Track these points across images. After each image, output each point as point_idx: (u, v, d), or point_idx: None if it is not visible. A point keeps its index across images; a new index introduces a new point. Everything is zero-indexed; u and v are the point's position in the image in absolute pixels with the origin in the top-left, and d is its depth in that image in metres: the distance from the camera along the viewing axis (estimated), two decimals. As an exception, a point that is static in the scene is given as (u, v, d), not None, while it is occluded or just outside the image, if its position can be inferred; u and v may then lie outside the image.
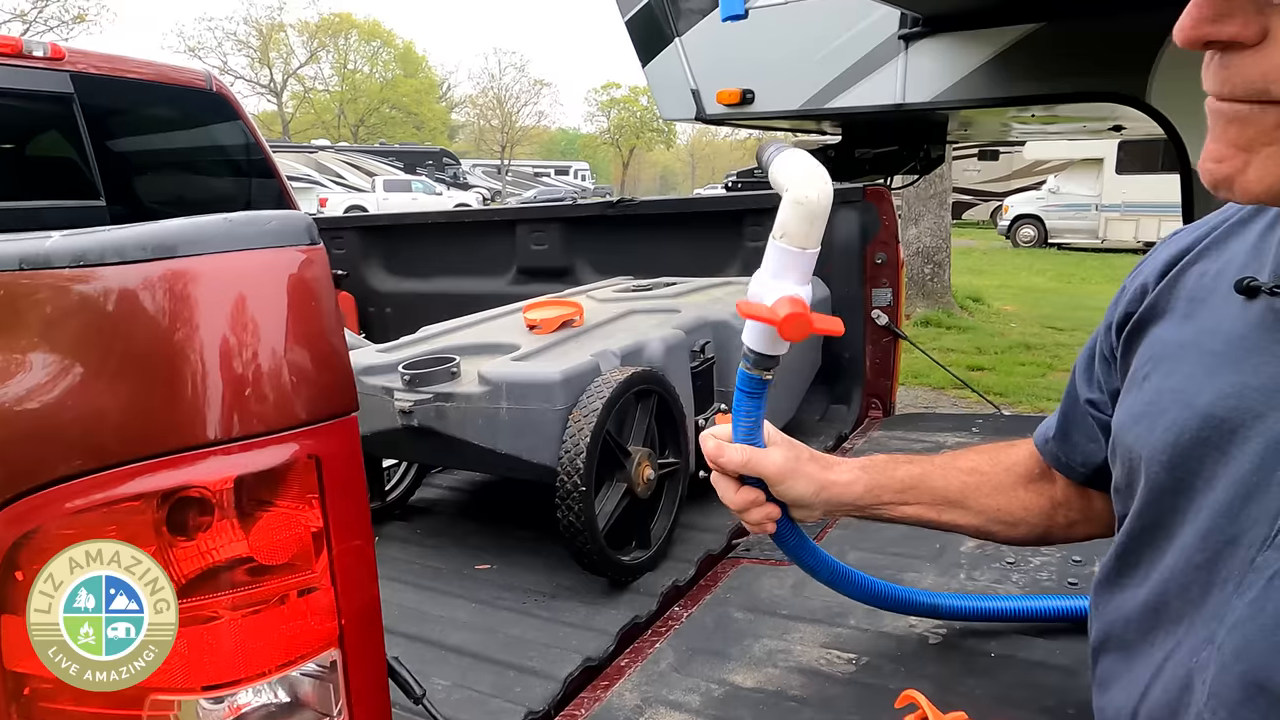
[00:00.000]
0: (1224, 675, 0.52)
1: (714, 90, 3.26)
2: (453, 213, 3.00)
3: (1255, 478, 0.53)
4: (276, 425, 0.61)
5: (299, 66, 41.69)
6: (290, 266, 0.63)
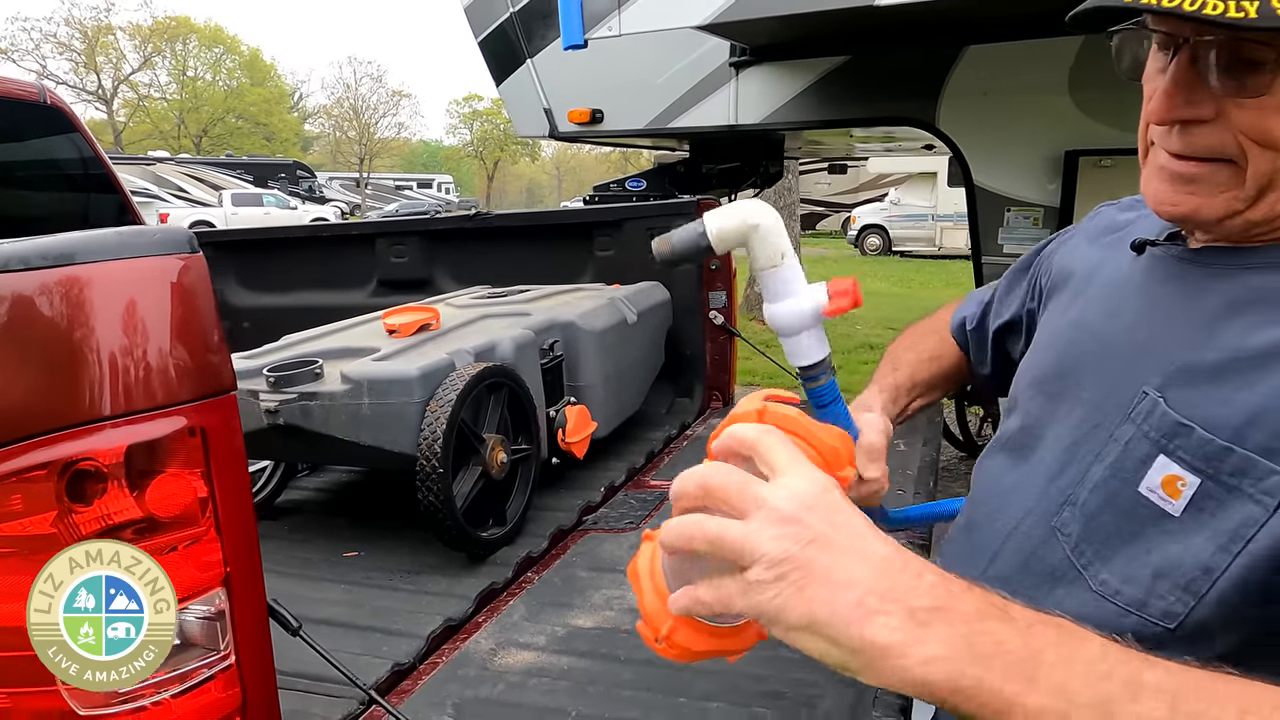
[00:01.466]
0: (1089, 524, 0.62)
1: (565, 109, 3.46)
2: (311, 227, 3.04)
3: (1122, 377, 0.64)
4: (163, 401, 0.74)
5: (131, 73, 38.88)
6: (173, 271, 0.75)
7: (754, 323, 9.16)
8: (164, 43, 39.68)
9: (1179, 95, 0.60)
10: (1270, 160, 0.58)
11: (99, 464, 0.72)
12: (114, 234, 0.73)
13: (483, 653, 1.15)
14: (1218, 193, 0.61)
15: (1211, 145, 0.60)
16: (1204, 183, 0.61)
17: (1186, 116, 0.60)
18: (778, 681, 1.03)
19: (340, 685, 1.09)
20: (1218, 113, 0.59)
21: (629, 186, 4.47)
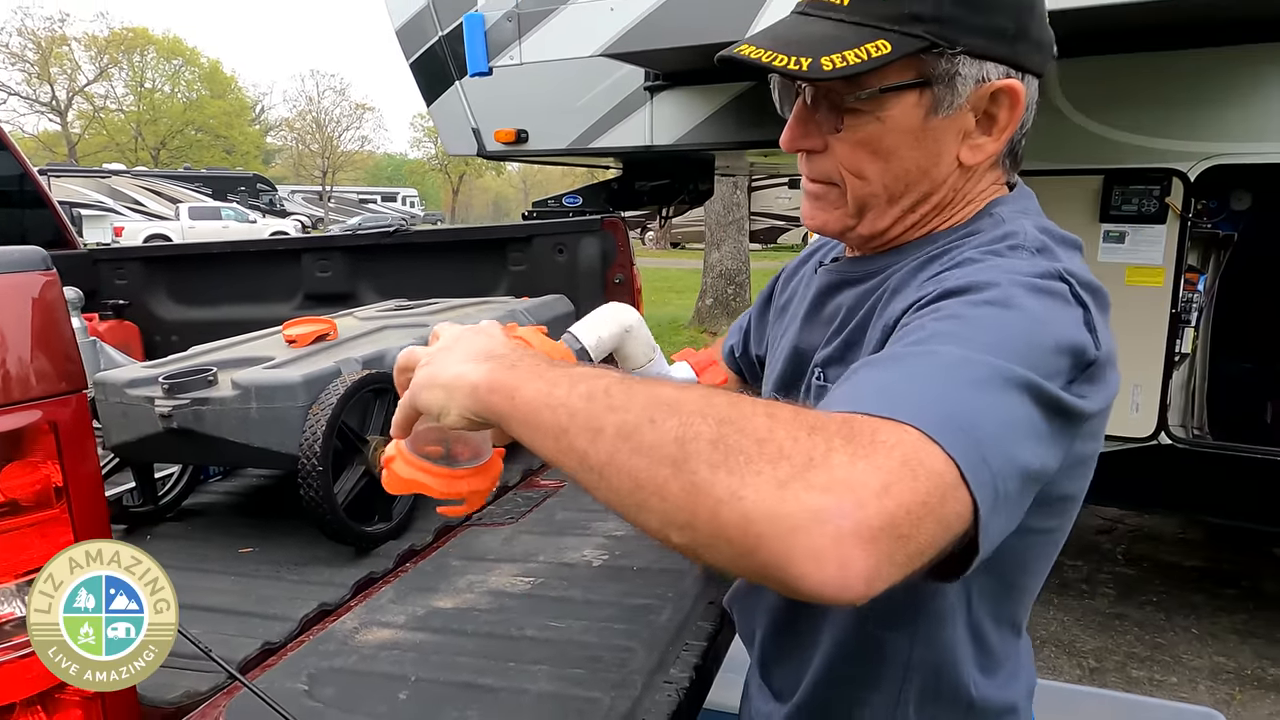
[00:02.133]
0: None
1: (492, 129, 3.60)
2: (238, 243, 3.13)
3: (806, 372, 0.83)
4: (19, 398, 0.85)
5: (86, 84, 38.31)
6: (31, 287, 0.87)
7: (705, 335, 9.34)
8: (120, 54, 39.16)
9: (798, 129, 0.75)
10: (859, 185, 0.74)
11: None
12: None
13: (346, 631, 1.27)
14: (833, 209, 0.76)
15: (824, 171, 0.75)
16: (824, 201, 0.77)
17: (803, 147, 0.75)
18: (599, 648, 1.16)
19: (210, 662, 1.20)
20: (825, 145, 0.74)
21: (566, 203, 4.62)
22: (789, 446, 0.48)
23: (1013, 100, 0.70)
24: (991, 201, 0.76)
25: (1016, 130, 0.73)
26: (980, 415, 0.53)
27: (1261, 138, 2.42)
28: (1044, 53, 0.72)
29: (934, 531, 0.48)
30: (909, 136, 0.71)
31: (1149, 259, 2.65)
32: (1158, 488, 2.88)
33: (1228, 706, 2.72)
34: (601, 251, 2.60)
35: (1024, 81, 0.71)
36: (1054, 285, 0.62)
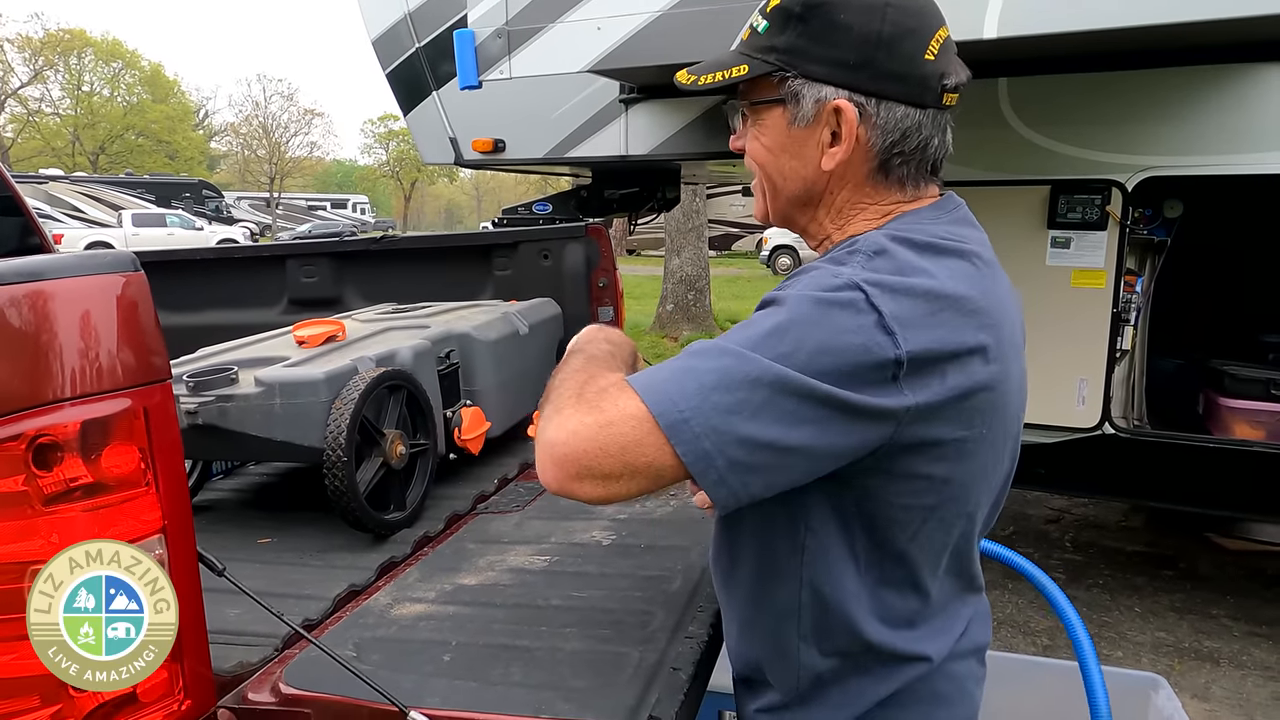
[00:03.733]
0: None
1: (470, 139, 3.69)
2: (223, 249, 3.17)
3: None
4: (110, 386, 0.94)
5: (20, 86, 37.07)
6: (120, 286, 0.96)
7: (666, 340, 9.49)
8: (56, 56, 38.00)
9: (734, 134, 0.96)
10: (759, 173, 0.94)
11: (57, 438, 0.92)
12: (74, 257, 0.93)
13: (380, 606, 1.37)
14: (760, 199, 0.97)
15: (748, 164, 0.95)
16: (758, 192, 0.97)
17: (734, 146, 0.96)
18: (621, 612, 1.28)
19: (257, 636, 1.29)
20: (743, 146, 0.94)
21: (535, 210, 4.72)
22: (561, 402, 0.81)
23: (846, 118, 0.85)
24: (895, 216, 0.91)
25: (879, 144, 0.87)
26: (693, 386, 0.74)
27: (1191, 151, 2.65)
28: (904, 83, 0.85)
29: (622, 465, 0.76)
30: (780, 140, 0.90)
31: (1092, 263, 2.87)
32: (1102, 474, 3.11)
33: (1168, 676, 2.95)
34: (586, 256, 2.72)
35: (871, 104, 0.85)
36: (843, 295, 0.75)
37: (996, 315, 0.82)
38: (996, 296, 0.84)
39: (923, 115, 0.85)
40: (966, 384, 0.78)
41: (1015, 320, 0.88)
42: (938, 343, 0.76)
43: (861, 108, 0.85)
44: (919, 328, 0.75)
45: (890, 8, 0.83)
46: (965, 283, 0.80)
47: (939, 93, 0.85)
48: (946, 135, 0.89)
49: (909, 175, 0.88)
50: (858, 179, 0.89)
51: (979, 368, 0.79)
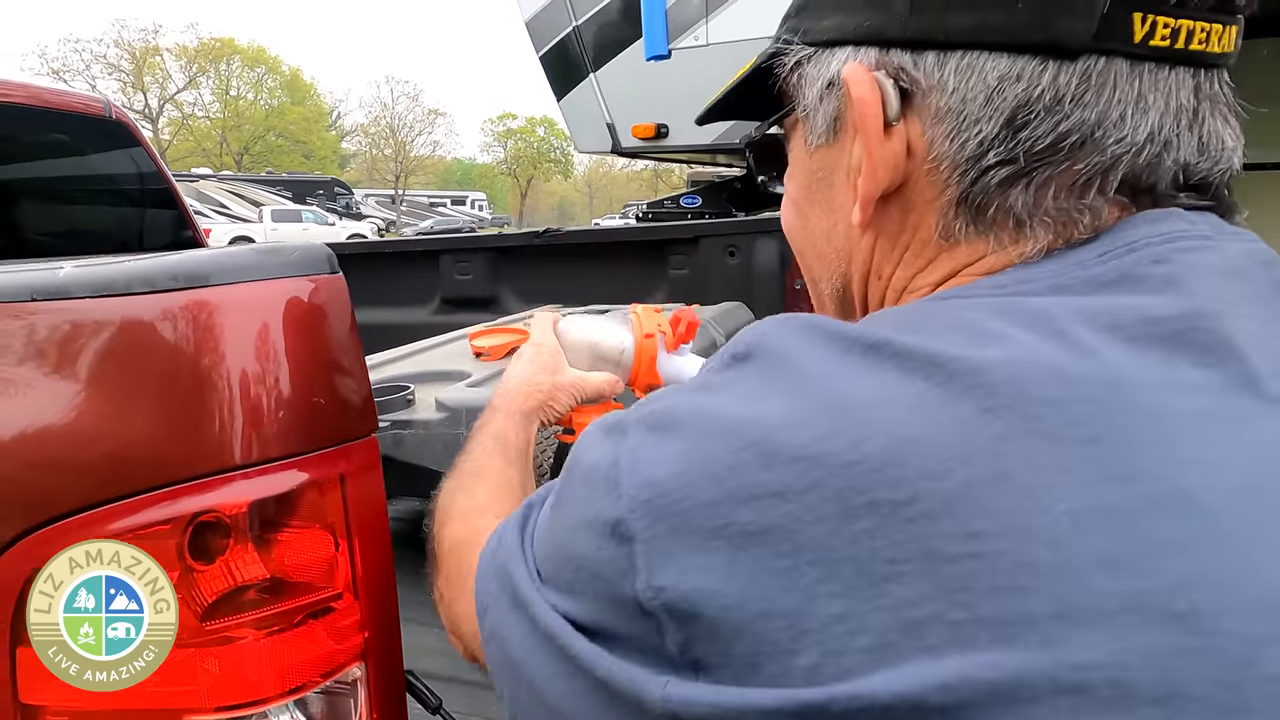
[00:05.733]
0: None
1: (629, 124, 3.38)
2: (373, 243, 2.98)
3: None
4: (299, 448, 0.63)
5: (176, 92, 39.90)
6: (310, 294, 0.65)
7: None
8: (208, 63, 40.70)
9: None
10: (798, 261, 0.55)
11: (224, 516, 0.62)
12: (249, 252, 0.63)
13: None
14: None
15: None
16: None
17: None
18: None
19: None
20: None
21: (684, 204, 4.38)
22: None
23: (854, 99, 0.41)
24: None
25: (958, 151, 0.39)
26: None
27: None
28: (996, 4, 0.38)
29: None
30: (800, 184, 0.49)
31: None
32: None
33: None
34: (780, 254, 2.34)
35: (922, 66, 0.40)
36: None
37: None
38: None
39: (1064, 74, 0.37)
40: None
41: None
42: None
43: (902, 76, 0.40)
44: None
45: None
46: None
47: (1106, 11, 0.36)
48: (1177, 114, 0.38)
49: (1034, 205, 0.39)
50: (922, 236, 0.42)
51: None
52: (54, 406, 0.62)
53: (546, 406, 0.80)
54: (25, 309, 0.63)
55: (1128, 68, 0.37)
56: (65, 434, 0.61)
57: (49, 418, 0.62)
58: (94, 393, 0.61)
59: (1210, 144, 0.39)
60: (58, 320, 0.62)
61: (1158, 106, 0.38)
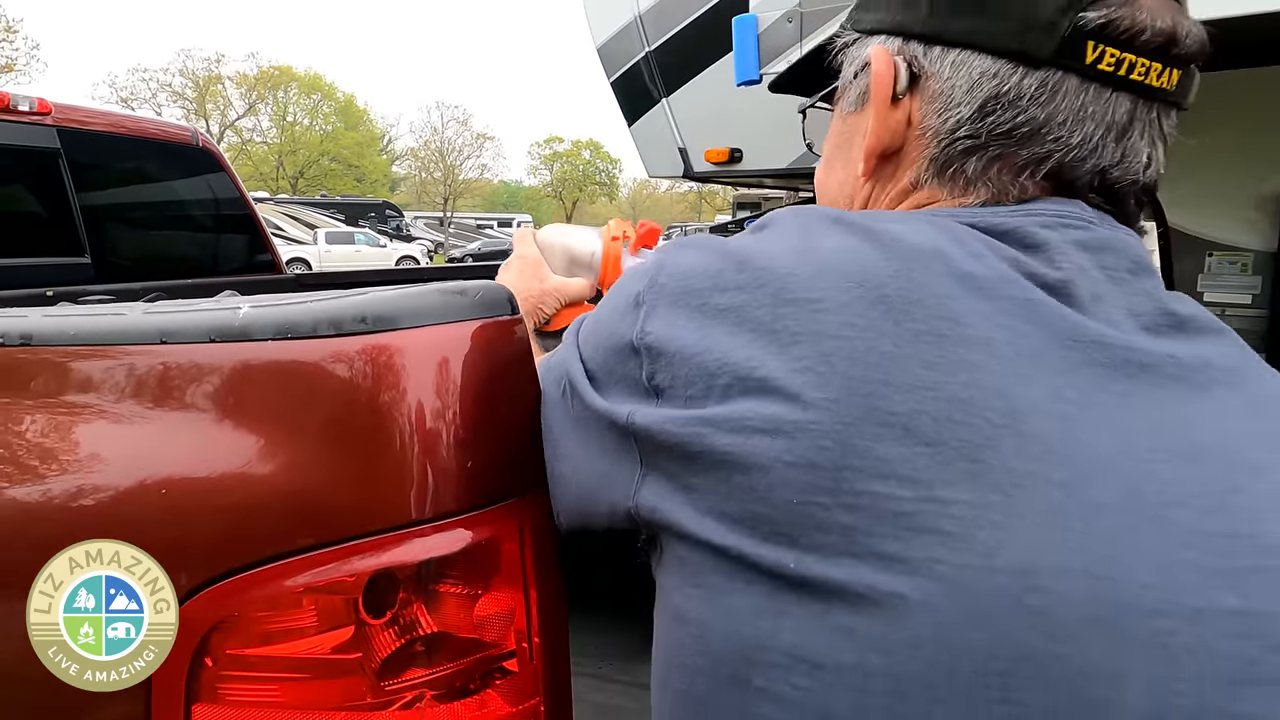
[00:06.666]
0: None
1: (702, 149, 3.35)
2: (444, 268, 3.00)
3: None
4: (479, 501, 0.60)
5: (236, 118, 41.26)
6: (493, 337, 0.62)
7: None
8: (267, 90, 42.04)
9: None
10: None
11: (403, 573, 0.58)
12: (435, 293, 0.60)
13: None
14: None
15: None
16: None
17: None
18: None
19: None
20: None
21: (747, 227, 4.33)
22: None
23: (875, 71, 0.54)
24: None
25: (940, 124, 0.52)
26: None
27: None
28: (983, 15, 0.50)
29: None
30: (832, 143, 0.63)
31: None
32: None
33: None
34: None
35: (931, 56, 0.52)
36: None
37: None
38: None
39: (1028, 79, 0.49)
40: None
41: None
42: (668, 337, 0.48)
43: (914, 62, 0.53)
44: (652, 315, 0.49)
45: None
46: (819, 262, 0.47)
47: (1068, 36, 0.47)
48: (1108, 127, 0.49)
49: (979, 173, 0.51)
50: (902, 185, 0.55)
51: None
52: (231, 453, 0.59)
53: (537, 310, 0.89)
54: (204, 351, 0.61)
55: (1077, 83, 0.48)
56: (243, 482, 0.59)
57: (226, 465, 0.59)
58: (274, 440, 0.58)
59: (1129, 159, 0.50)
60: (238, 363, 0.60)
61: (1094, 118, 0.49)
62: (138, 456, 0.61)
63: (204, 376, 0.61)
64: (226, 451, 0.59)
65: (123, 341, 0.64)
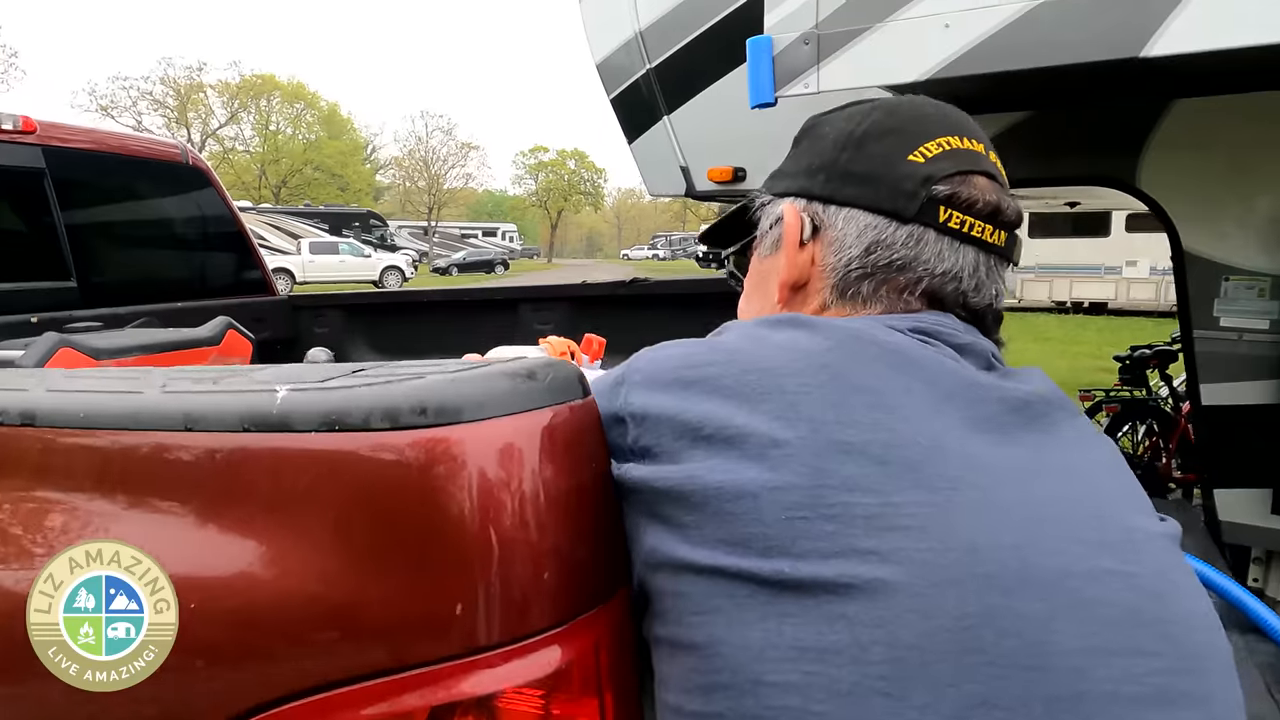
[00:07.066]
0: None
1: (705, 167, 3.28)
2: (450, 291, 2.91)
3: None
4: (557, 618, 0.52)
5: (218, 127, 40.86)
6: (568, 426, 0.54)
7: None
8: (250, 99, 41.68)
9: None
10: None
11: (471, 704, 0.51)
12: (501, 377, 0.53)
13: None
14: None
15: None
16: None
17: None
18: None
19: None
20: None
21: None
22: None
23: (785, 221, 0.70)
24: None
25: (835, 261, 0.67)
26: None
27: None
28: (870, 184, 0.66)
29: None
30: (750, 283, 0.77)
31: None
32: None
33: None
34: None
35: (828, 212, 0.68)
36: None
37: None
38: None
39: (900, 230, 0.65)
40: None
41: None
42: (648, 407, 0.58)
43: (815, 217, 0.69)
44: (633, 389, 0.60)
45: (876, 110, 0.70)
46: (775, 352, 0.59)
47: (925, 202, 0.65)
48: (961, 267, 0.66)
49: (872, 293, 0.67)
50: (812, 308, 0.70)
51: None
52: (268, 564, 0.51)
53: None
54: (235, 443, 0.53)
55: (935, 235, 0.65)
56: (281, 598, 0.51)
57: (262, 576, 0.51)
58: (318, 550, 0.51)
59: (982, 289, 0.66)
60: (276, 458, 0.53)
61: (952, 259, 0.65)
62: (161, 565, 0.53)
63: (235, 472, 0.53)
64: (262, 561, 0.51)
65: (140, 426, 0.57)
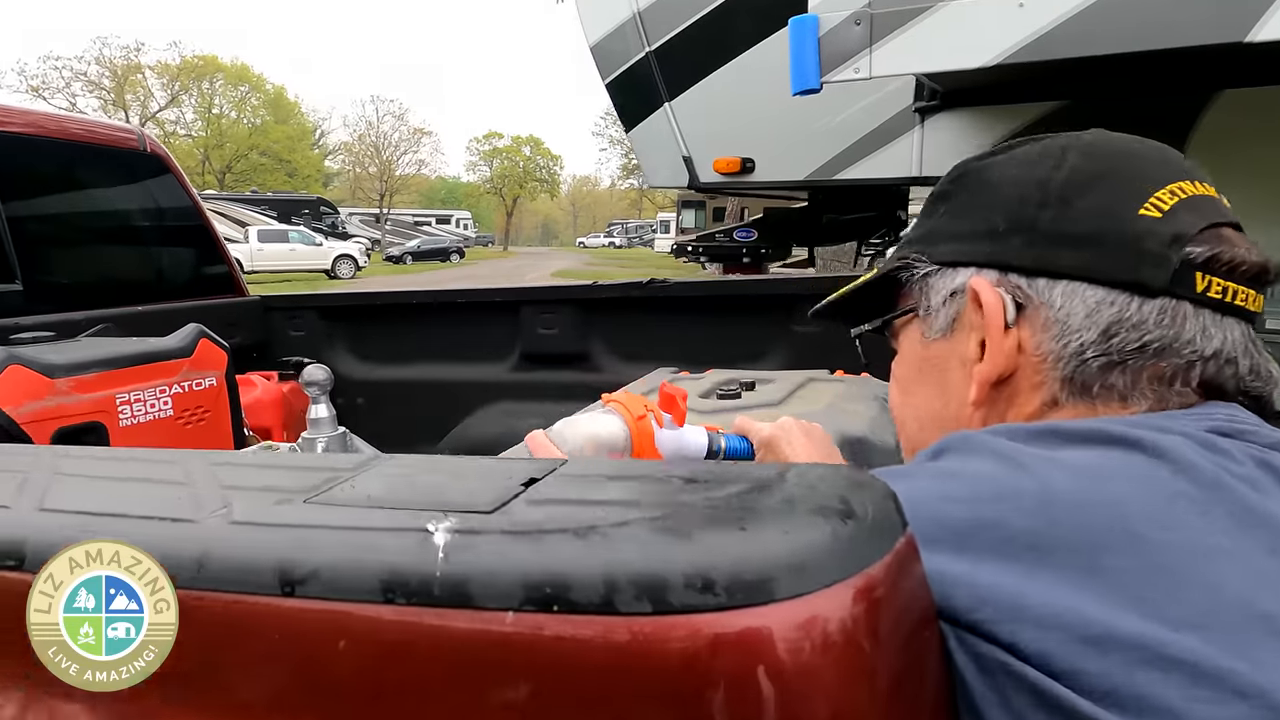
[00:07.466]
0: None
1: (710, 158, 3.10)
2: (442, 292, 2.68)
3: None
4: None
5: (158, 110, 39.33)
6: (901, 586, 0.35)
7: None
8: (191, 81, 40.20)
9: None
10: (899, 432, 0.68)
11: None
12: (813, 519, 0.33)
13: None
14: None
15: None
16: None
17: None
18: None
19: None
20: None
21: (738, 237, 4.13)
22: None
23: (986, 305, 0.55)
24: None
25: (1061, 349, 0.53)
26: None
27: None
28: (1096, 247, 0.52)
29: None
30: (913, 366, 0.64)
31: None
32: None
33: None
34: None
35: (1037, 287, 0.54)
36: None
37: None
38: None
39: (1147, 305, 0.51)
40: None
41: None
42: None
43: (1017, 293, 0.55)
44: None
45: (1068, 151, 0.56)
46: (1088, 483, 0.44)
47: (1178, 269, 0.51)
48: (1233, 345, 0.52)
49: (1130, 386, 0.52)
50: (1025, 411, 0.56)
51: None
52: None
53: None
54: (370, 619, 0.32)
55: (1192, 309, 0.52)
56: None
57: None
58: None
59: (1260, 370, 0.54)
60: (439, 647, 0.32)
61: (1220, 337, 0.52)
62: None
63: (371, 667, 0.33)
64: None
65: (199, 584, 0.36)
